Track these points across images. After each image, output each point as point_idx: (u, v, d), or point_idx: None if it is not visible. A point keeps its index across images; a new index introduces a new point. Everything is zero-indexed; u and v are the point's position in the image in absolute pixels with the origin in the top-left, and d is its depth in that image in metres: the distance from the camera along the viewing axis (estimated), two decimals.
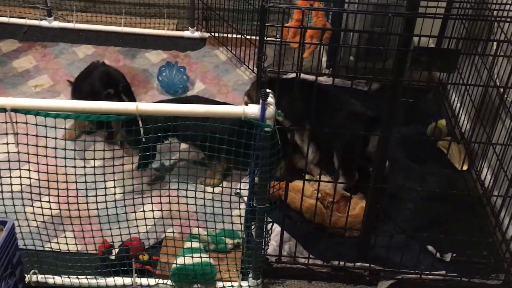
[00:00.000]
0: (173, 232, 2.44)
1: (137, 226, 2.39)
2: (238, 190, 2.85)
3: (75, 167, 2.21)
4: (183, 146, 2.90)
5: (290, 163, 2.68)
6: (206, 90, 3.69)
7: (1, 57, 3.85)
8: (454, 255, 2.61)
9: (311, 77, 3.29)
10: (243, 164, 2.28)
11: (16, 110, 2.04)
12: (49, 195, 2.27)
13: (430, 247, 2.66)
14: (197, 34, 4.21)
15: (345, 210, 2.67)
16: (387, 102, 2.19)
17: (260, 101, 2.02)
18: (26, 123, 2.10)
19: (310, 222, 2.71)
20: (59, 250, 2.44)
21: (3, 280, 2.06)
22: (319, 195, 2.69)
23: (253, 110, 2.05)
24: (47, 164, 2.18)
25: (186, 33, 4.21)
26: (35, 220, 2.35)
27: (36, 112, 2.06)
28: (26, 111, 2.05)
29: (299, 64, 2.23)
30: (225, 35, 4.06)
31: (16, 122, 2.05)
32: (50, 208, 2.29)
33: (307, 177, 2.70)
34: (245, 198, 2.73)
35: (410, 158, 3.14)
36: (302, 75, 2.94)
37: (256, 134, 2.10)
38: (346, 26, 3.61)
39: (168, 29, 4.23)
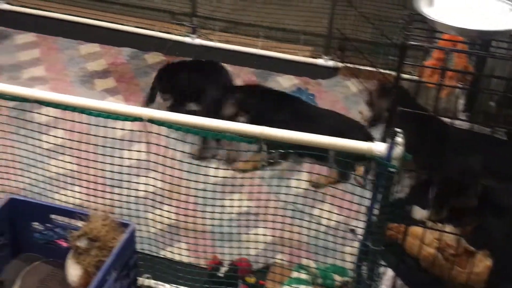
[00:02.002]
0: (282, 260, 2.42)
1: (248, 247, 2.40)
2: (353, 227, 2.76)
3: (196, 182, 2.28)
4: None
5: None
6: None
7: (146, 67, 4.10)
8: None
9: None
10: None
11: (151, 120, 2.15)
12: (170, 204, 2.36)
13: None
14: (330, 63, 4.19)
15: (467, 265, 2.47)
16: None
17: (388, 139, 1.95)
18: (159, 134, 2.21)
19: (426, 272, 2.55)
20: (172, 259, 2.52)
21: (118, 280, 2.16)
22: (439, 245, 2.52)
23: (380, 148, 1.98)
24: (172, 176, 2.27)
25: (320, 61, 4.21)
26: (154, 226, 2.45)
27: (169, 125, 2.16)
28: (160, 123, 2.16)
29: (435, 105, 2.12)
30: (358, 66, 4.01)
31: (150, 132, 2.17)
32: (169, 218, 2.38)
33: (427, 224, 2.56)
34: (360, 236, 2.64)
35: None
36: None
37: (379, 173, 2.02)
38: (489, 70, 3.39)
39: (302, 55, 4.26)
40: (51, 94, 2.22)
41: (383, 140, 2.01)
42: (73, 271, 2.18)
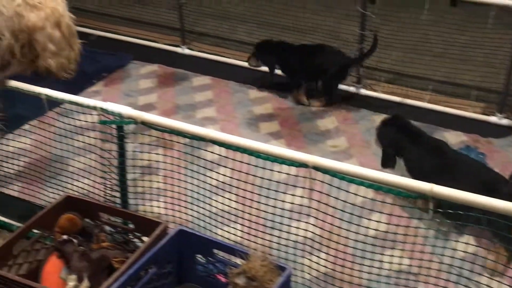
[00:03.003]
0: None
1: None
2: None
3: (357, 233, 2.25)
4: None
5: None
6: None
7: (310, 114, 4.19)
8: None
9: None
10: None
11: (316, 168, 2.18)
12: (327, 253, 2.34)
13: None
14: (505, 121, 3.93)
15: None
16: None
17: None
18: (322, 181, 2.23)
19: None
20: None
21: None
22: None
23: None
24: (332, 224, 2.26)
25: (492, 119, 3.97)
26: (309, 273, 2.45)
27: (334, 173, 2.17)
28: (325, 171, 2.18)
29: None
30: None
31: (314, 179, 2.20)
32: (325, 266, 2.36)
33: None
34: None
35: None
36: None
37: None
38: None
39: (473, 112, 4.05)
40: (225, 135, 2.36)
41: None
42: None
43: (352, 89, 4.44)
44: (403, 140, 3.17)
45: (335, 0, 4.42)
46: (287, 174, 2.35)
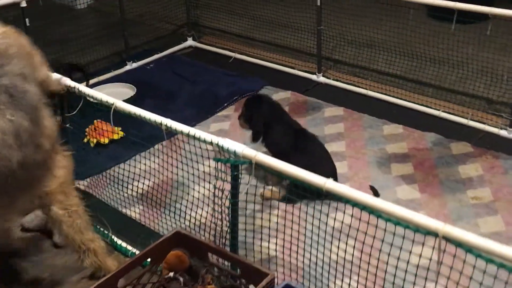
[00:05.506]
0: None
1: None
2: None
3: None
4: None
5: None
6: None
7: (450, 157, 3.77)
8: None
9: None
10: None
11: (447, 238, 1.86)
12: None
13: None
14: None
15: None
16: None
17: None
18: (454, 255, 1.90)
19: None
20: None
21: None
22: None
23: None
24: None
25: None
26: None
27: (468, 249, 1.83)
28: (458, 244, 1.85)
29: None
30: None
31: (444, 251, 1.88)
32: None
33: None
34: None
35: None
36: None
37: None
38: None
39: None
40: (348, 190, 2.09)
41: None
42: None
43: (502, 132, 3.95)
44: (270, 118, 3.54)
45: (492, 32, 3.95)
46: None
